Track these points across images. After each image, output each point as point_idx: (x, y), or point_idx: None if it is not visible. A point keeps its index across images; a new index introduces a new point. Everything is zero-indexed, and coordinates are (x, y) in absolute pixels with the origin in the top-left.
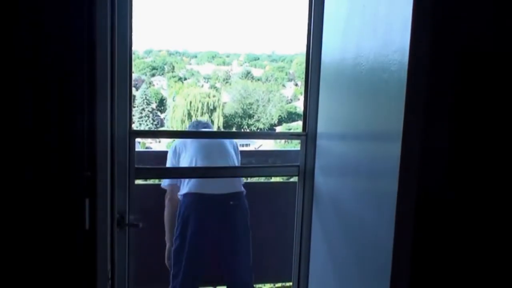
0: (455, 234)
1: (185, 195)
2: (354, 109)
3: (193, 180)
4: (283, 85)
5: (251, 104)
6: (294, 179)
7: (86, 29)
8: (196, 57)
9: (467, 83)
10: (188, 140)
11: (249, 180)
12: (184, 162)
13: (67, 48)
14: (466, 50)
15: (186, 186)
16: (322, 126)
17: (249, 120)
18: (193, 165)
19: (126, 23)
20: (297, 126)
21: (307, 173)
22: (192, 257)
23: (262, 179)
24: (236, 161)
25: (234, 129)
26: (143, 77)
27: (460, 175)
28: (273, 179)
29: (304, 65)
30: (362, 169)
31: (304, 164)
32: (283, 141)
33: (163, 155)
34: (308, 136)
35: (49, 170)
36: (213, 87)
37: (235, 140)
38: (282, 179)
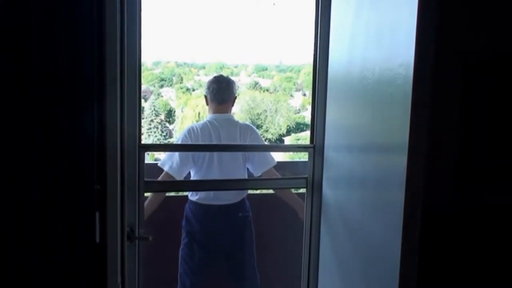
0: (462, 246)
1: (194, 204)
2: (360, 122)
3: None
4: (291, 95)
5: (259, 114)
6: (302, 190)
7: (95, 42)
8: (204, 68)
9: (472, 95)
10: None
11: (258, 191)
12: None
13: (77, 61)
14: (471, 62)
15: (194, 193)
16: (330, 138)
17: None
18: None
19: (135, 36)
20: (305, 136)
21: (315, 185)
22: (201, 270)
23: (270, 190)
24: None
25: None
26: (152, 88)
27: (466, 186)
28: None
29: (311, 75)
30: (369, 181)
31: (312, 176)
32: None
33: None
34: (316, 148)
35: (59, 184)
36: None
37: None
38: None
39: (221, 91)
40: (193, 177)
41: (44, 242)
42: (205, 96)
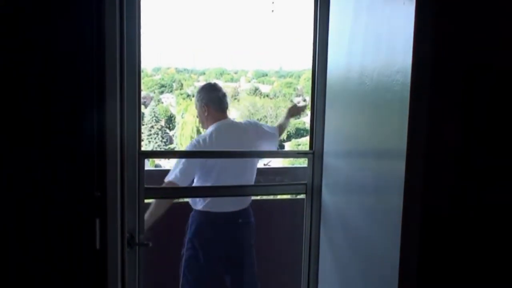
0: (462, 246)
1: (201, 213)
2: (359, 127)
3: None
4: (291, 101)
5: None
6: (302, 195)
7: (95, 48)
8: (204, 74)
9: (469, 102)
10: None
11: (258, 197)
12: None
13: (77, 68)
14: (468, 69)
15: (201, 202)
16: (329, 143)
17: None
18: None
19: (135, 42)
20: (306, 142)
21: (314, 191)
22: (207, 280)
23: (270, 196)
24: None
25: None
26: (152, 94)
27: (466, 186)
28: (281, 196)
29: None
30: (368, 187)
31: (311, 182)
32: None
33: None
34: (315, 154)
35: (60, 191)
36: None
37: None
38: (290, 196)
39: (224, 98)
40: (195, 183)
41: (44, 243)
42: (205, 106)
